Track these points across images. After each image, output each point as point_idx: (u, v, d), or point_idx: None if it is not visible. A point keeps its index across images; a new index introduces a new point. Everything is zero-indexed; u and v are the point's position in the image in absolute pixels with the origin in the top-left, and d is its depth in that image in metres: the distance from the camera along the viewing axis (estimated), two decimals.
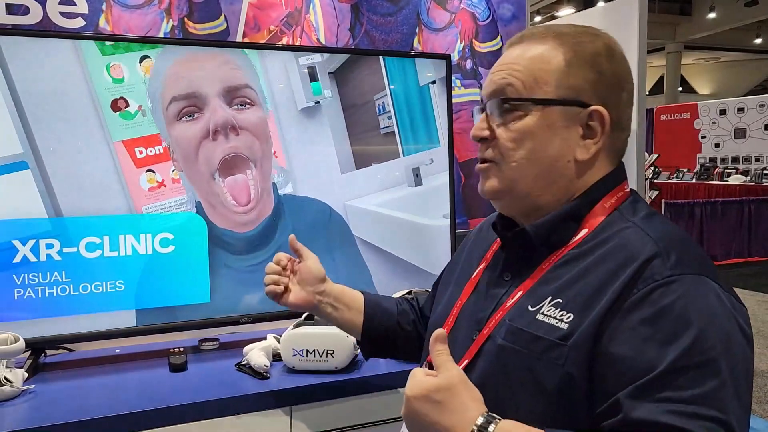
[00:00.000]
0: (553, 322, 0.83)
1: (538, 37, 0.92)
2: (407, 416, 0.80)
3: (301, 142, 1.91)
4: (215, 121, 1.77)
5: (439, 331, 0.81)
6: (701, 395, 0.70)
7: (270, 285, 1.23)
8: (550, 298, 0.85)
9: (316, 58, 1.91)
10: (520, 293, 0.90)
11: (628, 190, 0.94)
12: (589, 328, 0.79)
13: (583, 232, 0.89)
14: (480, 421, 0.75)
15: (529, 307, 0.87)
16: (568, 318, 0.82)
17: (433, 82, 2.07)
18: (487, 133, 0.93)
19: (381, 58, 2.00)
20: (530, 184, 0.91)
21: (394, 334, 1.26)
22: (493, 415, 0.76)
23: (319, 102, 1.91)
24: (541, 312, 0.85)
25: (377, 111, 1.99)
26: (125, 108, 1.69)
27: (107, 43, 1.66)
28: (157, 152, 1.74)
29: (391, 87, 2.00)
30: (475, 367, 0.89)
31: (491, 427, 0.74)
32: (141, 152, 1.73)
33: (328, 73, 1.92)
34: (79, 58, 1.64)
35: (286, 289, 1.24)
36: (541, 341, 0.82)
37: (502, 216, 1.00)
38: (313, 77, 1.90)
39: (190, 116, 1.75)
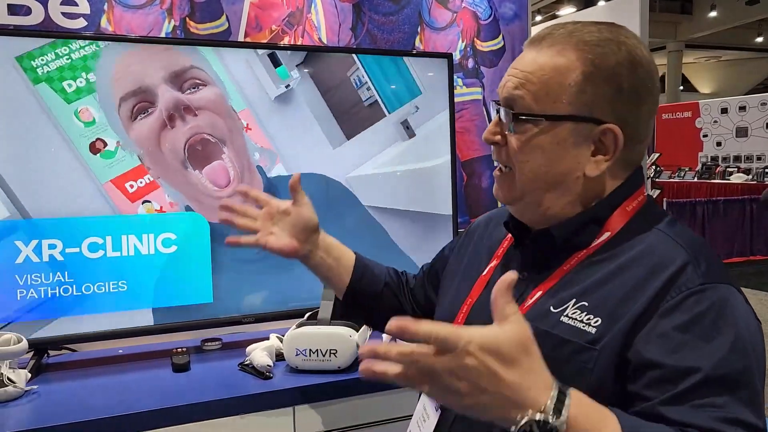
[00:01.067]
0: (579, 325, 0.82)
1: (559, 44, 0.88)
2: (470, 370, 0.62)
3: (285, 128, 1.89)
4: (166, 105, 1.69)
5: (510, 276, 0.66)
6: (738, 401, 0.71)
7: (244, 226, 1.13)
8: (574, 300, 0.85)
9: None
10: (539, 293, 0.89)
11: (646, 194, 0.94)
12: (620, 333, 0.79)
13: (606, 234, 0.89)
14: (556, 388, 0.65)
15: (551, 308, 0.86)
16: (596, 322, 0.81)
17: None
18: (498, 138, 0.93)
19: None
20: (540, 195, 0.91)
21: (376, 301, 1.23)
22: (564, 392, 0.66)
23: (290, 86, 1.89)
24: (565, 314, 0.84)
25: (354, 85, 1.97)
26: (104, 148, 1.68)
27: (69, 90, 1.62)
28: (147, 181, 1.71)
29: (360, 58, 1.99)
30: None
31: (567, 401, 0.64)
32: (132, 186, 1.70)
33: (296, 65, 1.90)
34: (44, 109, 1.61)
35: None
36: (569, 344, 0.82)
37: (513, 216, 0.99)
38: (276, 63, 1.87)
39: (144, 113, 1.68)
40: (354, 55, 1.98)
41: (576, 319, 0.83)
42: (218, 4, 2.05)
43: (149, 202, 1.74)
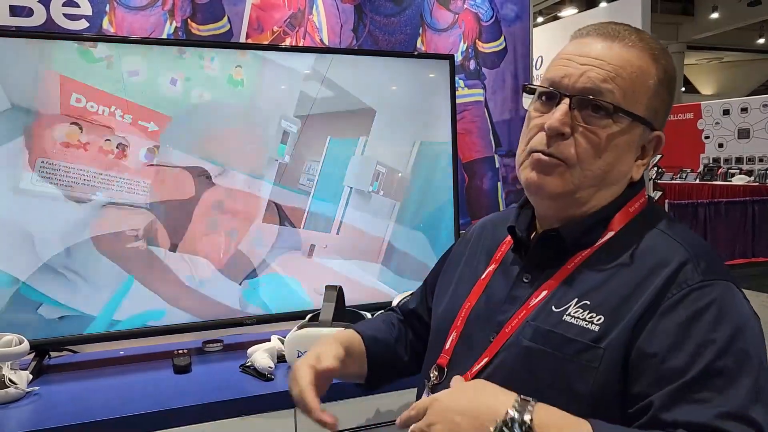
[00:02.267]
0: (582, 324, 0.82)
1: (636, 45, 0.88)
2: (438, 418, 0.76)
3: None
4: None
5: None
6: (737, 395, 0.72)
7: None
8: (576, 299, 0.85)
9: (294, 128, 1.85)
10: (544, 293, 0.89)
11: (647, 196, 0.95)
12: (623, 331, 0.79)
13: (609, 234, 0.89)
14: (516, 401, 0.74)
15: (554, 307, 0.86)
16: (598, 320, 0.81)
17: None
18: (568, 130, 0.86)
19: (326, 139, 1.90)
20: (593, 192, 0.89)
21: (397, 359, 1.18)
22: (527, 398, 0.74)
23: (278, 161, 1.85)
24: (567, 313, 0.84)
25: (304, 167, 1.89)
26: (90, 47, 1.63)
27: None
28: (105, 114, 1.60)
29: (324, 164, 1.91)
30: (496, 367, 0.88)
31: (528, 406, 0.73)
32: (79, 101, 1.60)
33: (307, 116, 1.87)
34: None
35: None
36: (574, 343, 0.82)
37: (520, 218, 0.98)
38: (283, 140, 1.85)
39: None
40: (324, 155, 1.89)
41: (578, 317, 0.83)
42: (220, 5, 2.05)
43: (79, 127, 1.61)
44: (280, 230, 1.87)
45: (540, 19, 10.86)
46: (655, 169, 8.70)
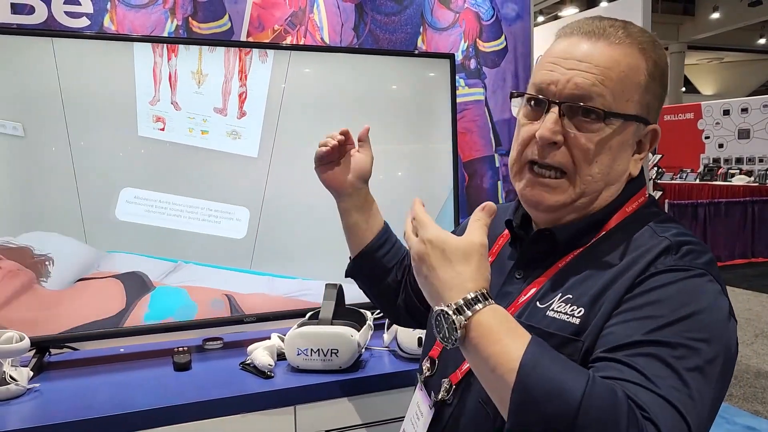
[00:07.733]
0: (564, 317, 0.82)
1: (623, 41, 0.85)
2: (419, 254, 0.79)
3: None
4: None
5: (490, 205, 0.80)
6: (652, 375, 0.69)
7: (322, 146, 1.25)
8: (560, 294, 0.85)
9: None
10: (533, 290, 0.89)
11: (647, 195, 0.93)
12: (600, 321, 0.78)
13: (602, 234, 0.89)
14: (471, 294, 0.73)
15: (538, 303, 0.87)
16: (579, 312, 0.81)
17: None
18: (561, 138, 0.85)
19: None
20: (594, 197, 0.88)
21: (384, 274, 1.26)
22: (488, 296, 0.74)
23: None
24: (551, 308, 0.84)
25: None
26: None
27: None
28: None
29: None
30: None
31: (479, 306, 0.73)
32: None
33: None
34: None
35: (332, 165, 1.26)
36: (554, 337, 0.81)
37: (518, 212, 0.99)
38: None
39: None
40: None
41: (561, 311, 0.83)
42: (221, 3, 2.05)
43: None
44: None
45: (540, 19, 10.88)
46: (655, 169, 8.71)
